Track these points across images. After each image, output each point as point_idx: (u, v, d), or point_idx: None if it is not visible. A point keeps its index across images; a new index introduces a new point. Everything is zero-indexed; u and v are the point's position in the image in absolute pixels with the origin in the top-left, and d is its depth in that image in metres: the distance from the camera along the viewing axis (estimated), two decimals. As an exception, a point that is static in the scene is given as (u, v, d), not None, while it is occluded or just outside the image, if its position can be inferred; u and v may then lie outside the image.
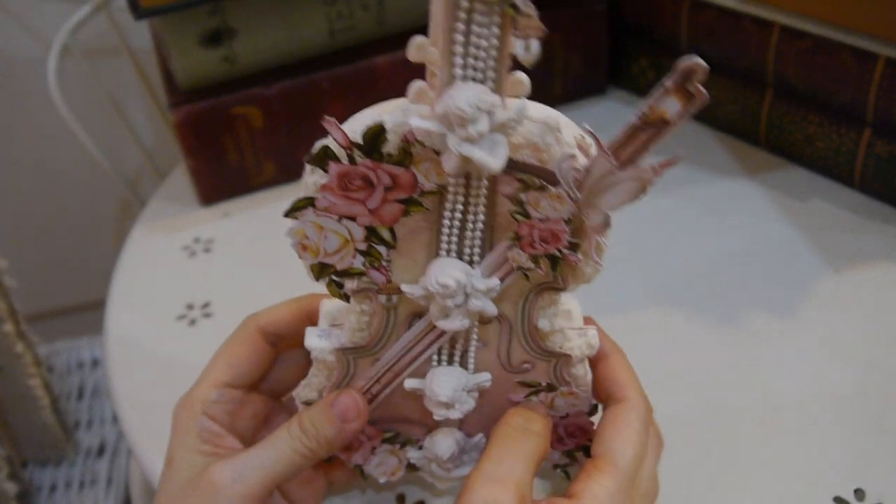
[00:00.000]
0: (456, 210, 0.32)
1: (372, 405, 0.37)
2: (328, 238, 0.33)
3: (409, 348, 0.36)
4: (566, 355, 0.36)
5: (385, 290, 0.34)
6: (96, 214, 1.14)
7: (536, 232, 0.32)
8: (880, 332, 0.50)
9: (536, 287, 0.34)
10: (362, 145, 0.32)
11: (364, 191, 0.32)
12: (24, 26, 1.01)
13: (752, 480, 0.43)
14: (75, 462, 0.85)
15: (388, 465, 0.40)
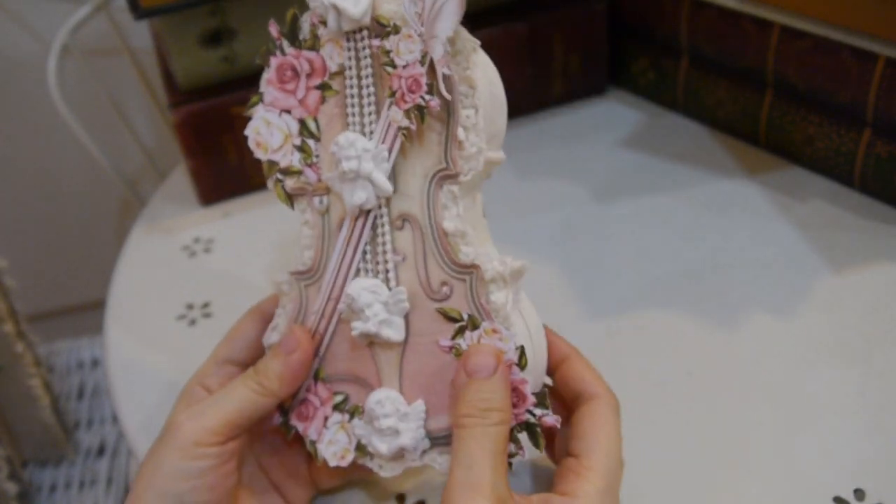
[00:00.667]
0: (353, 85, 0.37)
1: (322, 347, 0.39)
2: (273, 134, 0.39)
3: (339, 264, 0.38)
4: (475, 266, 0.36)
5: (318, 189, 0.38)
6: (96, 214, 1.14)
7: (404, 81, 0.36)
8: (880, 332, 0.50)
9: (433, 177, 0.37)
10: (287, 34, 0.39)
11: (293, 81, 0.38)
12: (24, 26, 1.01)
13: (751, 480, 0.43)
14: (75, 462, 0.85)
15: (338, 445, 0.39)
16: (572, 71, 0.71)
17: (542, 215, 0.61)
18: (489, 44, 0.66)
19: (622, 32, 0.71)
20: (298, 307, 0.39)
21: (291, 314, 0.39)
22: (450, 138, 0.36)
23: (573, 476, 0.35)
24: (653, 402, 0.47)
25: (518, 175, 0.65)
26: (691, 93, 0.67)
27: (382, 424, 0.37)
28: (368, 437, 0.38)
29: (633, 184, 0.63)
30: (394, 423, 0.37)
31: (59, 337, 1.08)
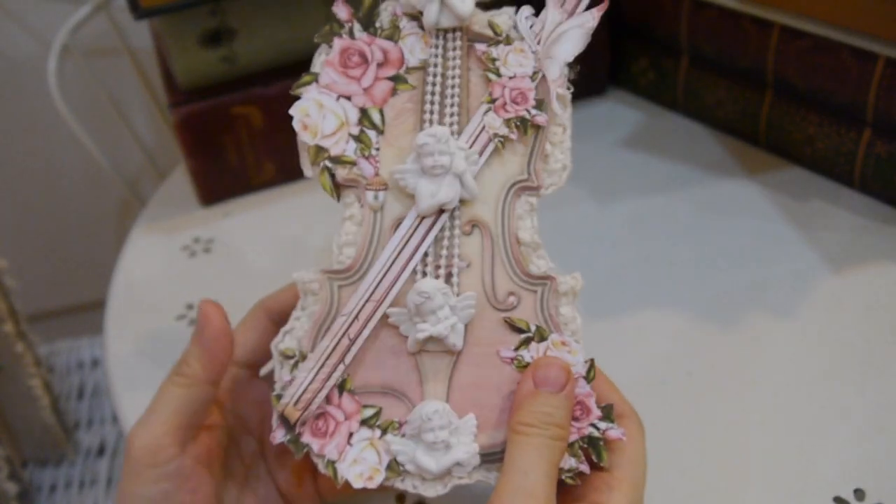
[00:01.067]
0: (436, 83, 0.36)
1: (350, 354, 0.35)
2: (326, 118, 0.36)
3: (390, 265, 0.35)
4: (551, 278, 0.36)
5: (373, 183, 0.36)
6: (96, 214, 1.14)
7: (508, 91, 0.36)
8: (880, 332, 0.50)
9: (512, 186, 0.36)
10: (361, 18, 0.36)
11: (360, 67, 0.36)
12: (24, 26, 1.01)
13: (752, 480, 0.43)
14: (75, 462, 0.85)
15: (364, 465, 0.35)
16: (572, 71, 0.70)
17: (542, 215, 0.61)
18: (489, 44, 0.67)
19: (622, 32, 0.71)
20: (327, 310, 0.36)
21: (318, 317, 0.36)
22: (536, 151, 0.37)
23: (605, 487, 0.35)
24: (653, 402, 0.47)
25: (518, 175, 0.65)
26: (691, 93, 0.67)
27: (434, 438, 0.35)
28: (410, 453, 0.35)
29: (633, 184, 0.63)
30: (446, 437, 0.35)
31: (59, 337, 1.08)
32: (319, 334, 0.36)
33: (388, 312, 0.35)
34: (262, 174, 0.66)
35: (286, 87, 0.63)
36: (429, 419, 0.35)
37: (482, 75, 0.36)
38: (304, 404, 0.36)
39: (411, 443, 0.36)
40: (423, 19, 0.36)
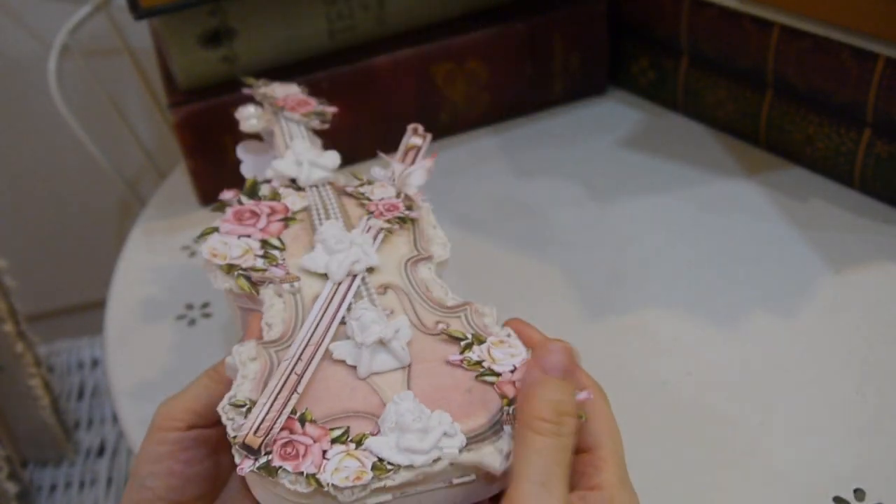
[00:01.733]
0: (320, 213, 0.44)
1: (300, 386, 0.36)
2: (232, 248, 0.42)
3: (320, 317, 0.39)
4: (469, 303, 0.39)
5: (287, 279, 0.40)
6: (96, 214, 1.14)
7: (381, 205, 0.44)
8: (880, 332, 0.50)
9: (408, 261, 0.42)
10: (246, 192, 0.45)
11: (253, 219, 0.43)
12: (24, 26, 1.01)
13: (752, 480, 0.43)
14: (75, 462, 0.85)
15: (348, 471, 0.35)
16: (572, 71, 0.71)
17: (542, 215, 0.61)
18: (489, 44, 0.67)
19: (622, 32, 0.71)
20: (269, 367, 0.37)
21: (260, 373, 0.37)
22: (418, 235, 0.44)
23: (593, 470, 0.34)
24: (653, 402, 0.47)
25: (518, 175, 0.65)
26: (691, 93, 0.67)
27: (413, 422, 0.35)
28: (393, 442, 0.35)
29: (633, 184, 0.63)
30: (425, 420, 0.35)
31: (59, 337, 1.08)
32: (264, 386, 0.36)
33: (331, 348, 0.37)
34: (262, 174, 0.66)
35: (286, 87, 0.64)
36: (403, 409, 0.35)
37: (356, 203, 0.45)
38: (264, 431, 0.35)
39: (392, 434, 0.35)
40: (298, 181, 0.46)
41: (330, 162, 0.47)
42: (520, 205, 0.63)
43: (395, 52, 0.65)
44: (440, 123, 0.69)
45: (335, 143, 0.66)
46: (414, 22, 0.67)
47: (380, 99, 0.66)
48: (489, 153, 0.68)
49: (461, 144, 0.69)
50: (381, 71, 0.65)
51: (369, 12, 0.65)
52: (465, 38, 0.66)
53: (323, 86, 0.64)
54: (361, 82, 0.65)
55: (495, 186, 0.65)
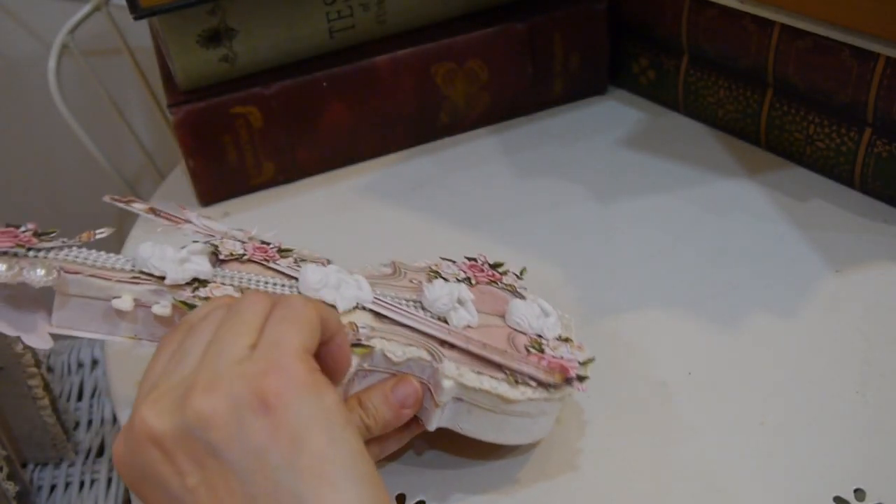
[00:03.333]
0: (249, 282, 0.44)
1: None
2: None
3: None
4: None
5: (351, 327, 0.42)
6: (96, 214, 1.14)
7: (256, 250, 0.47)
8: (880, 332, 0.50)
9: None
10: (188, 308, 0.41)
11: None
12: (24, 26, 1.01)
13: (752, 480, 0.43)
14: (75, 462, 0.85)
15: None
16: (572, 71, 0.71)
17: (542, 215, 0.61)
18: (489, 44, 0.67)
19: (622, 32, 0.71)
20: None
21: None
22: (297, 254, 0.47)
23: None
24: (653, 402, 0.47)
25: (518, 175, 0.65)
26: (691, 93, 0.67)
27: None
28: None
29: (633, 184, 0.63)
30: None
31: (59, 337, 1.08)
32: None
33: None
34: (261, 174, 0.66)
35: (286, 86, 0.64)
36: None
37: (239, 262, 0.46)
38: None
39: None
40: (199, 279, 0.42)
41: (197, 248, 0.44)
42: (520, 205, 0.62)
43: (395, 51, 0.65)
44: (440, 123, 0.69)
45: (335, 143, 0.67)
46: (414, 22, 0.67)
47: (380, 99, 0.66)
48: (489, 153, 0.68)
49: (461, 144, 0.69)
50: (381, 71, 0.65)
51: (369, 12, 0.65)
52: (465, 38, 0.66)
53: (323, 85, 0.64)
54: (361, 82, 0.65)
55: (495, 186, 0.65)
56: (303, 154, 0.66)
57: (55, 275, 0.40)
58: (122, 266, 0.42)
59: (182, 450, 0.30)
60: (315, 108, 0.64)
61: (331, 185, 0.66)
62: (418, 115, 0.68)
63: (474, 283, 0.47)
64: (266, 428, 0.30)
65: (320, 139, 0.66)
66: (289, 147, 0.65)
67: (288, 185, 0.67)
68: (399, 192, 0.65)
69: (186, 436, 0.30)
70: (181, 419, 0.31)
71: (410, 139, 0.69)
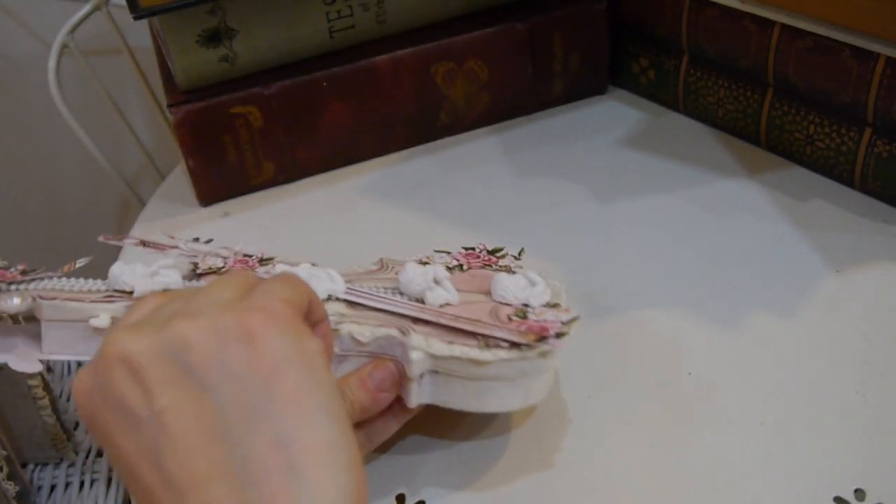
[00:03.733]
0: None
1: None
2: None
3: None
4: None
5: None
6: (96, 214, 1.14)
7: (236, 260, 0.48)
8: (880, 332, 0.50)
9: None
10: None
11: None
12: (24, 26, 1.01)
13: (752, 480, 0.43)
14: (75, 462, 0.85)
15: None
16: (572, 71, 0.71)
17: (542, 215, 0.61)
18: (489, 44, 0.67)
19: (622, 32, 0.71)
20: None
21: None
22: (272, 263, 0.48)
23: None
24: (653, 402, 0.47)
25: (518, 175, 0.65)
26: (691, 93, 0.67)
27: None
28: None
29: (633, 183, 0.63)
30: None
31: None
32: None
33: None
34: (261, 174, 0.66)
35: (286, 86, 0.64)
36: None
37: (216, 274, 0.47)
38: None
39: None
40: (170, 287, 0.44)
41: (167, 263, 0.45)
42: (520, 205, 0.62)
43: (395, 51, 0.65)
44: (440, 123, 0.69)
45: (335, 143, 0.67)
46: (414, 21, 0.67)
47: (380, 99, 0.66)
48: (489, 153, 0.68)
49: (461, 144, 0.69)
50: (381, 71, 0.65)
51: (369, 12, 0.65)
52: (465, 38, 0.66)
53: (323, 85, 0.64)
54: (361, 82, 0.65)
55: (495, 186, 0.65)
56: (303, 154, 0.66)
57: (29, 300, 0.41)
58: (97, 288, 0.43)
59: (154, 369, 0.29)
60: (315, 108, 0.64)
61: (331, 185, 0.66)
62: (418, 115, 0.68)
63: (466, 268, 0.47)
64: (248, 355, 0.29)
65: (320, 139, 0.66)
66: (289, 147, 0.65)
67: (288, 185, 0.67)
68: (399, 192, 0.65)
69: (162, 356, 0.30)
70: (158, 339, 0.30)
71: (410, 139, 0.69)
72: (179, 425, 0.28)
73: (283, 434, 0.28)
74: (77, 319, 0.42)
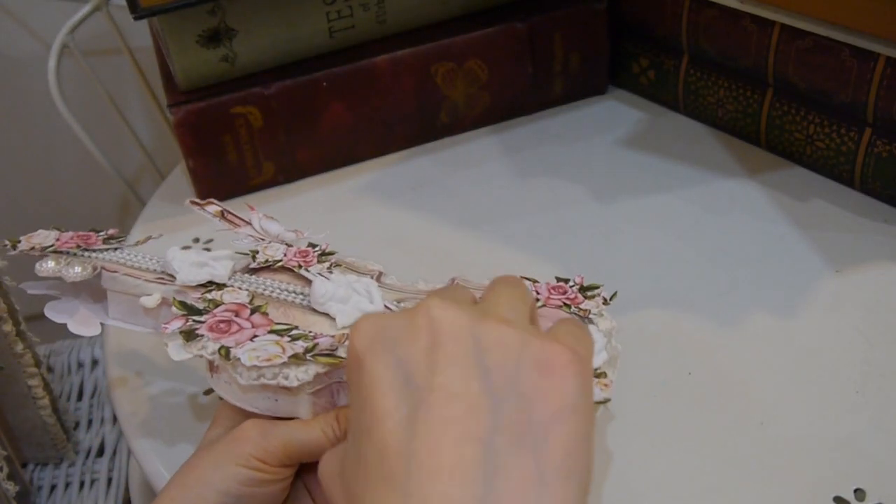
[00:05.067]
0: (273, 291, 0.44)
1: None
2: (268, 349, 0.38)
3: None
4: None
5: (340, 339, 0.40)
6: (96, 214, 1.14)
7: (295, 258, 0.46)
8: (880, 332, 0.50)
9: (378, 278, 0.47)
10: (190, 312, 0.41)
11: (231, 324, 0.40)
12: (25, 26, 1.01)
13: (752, 480, 0.43)
14: (75, 462, 0.85)
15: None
16: (572, 71, 0.71)
17: (543, 215, 0.61)
18: (489, 44, 0.67)
19: (622, 32, 0.71)
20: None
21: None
22: (349, 264, 0.46)
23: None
24: (653, 402, 0.47)
25: (518, 175, 0.65)
26: (691, 93, 0.67)
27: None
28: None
29: (634, 183, 0.63)
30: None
31: (59, 337, 1.08)
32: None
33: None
34: (261, 174, 0.66)
35: (286, 86, 0.64)
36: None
37: (271, 271, 0.45)
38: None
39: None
40: (215, 281, 0.43)
41: (223, 254, 0.45)
42: (520, 205, 0.62)
43: (395, 51, 0.65)
44: (440, 123, 0.69)
45: (335, 143, 0.67)
46: (414, 22, 0.67)
47: (379, 99, 0.66)
48: (489, 153, 0.68)
49: (461, 144, 0.69)
50: (381, 70, 0.65)
51: (369, 12, 0.65)
52: (465, 38, 0.66)
53: (323, 85, 0.64)
54: (361, 82, 0.65)
55: (495, 186, 0.65)
56: (303, 154, 0.66)
57: (90, 270, 0.43)
58: (153, 267, 0.44)
59: (454, 349, 0.29)
60: (315, 108, 0.64)
61: (331, 185, 0.66)
62: (418, 115, 0.68)
63: (541, 304, 0.45)
64: (540, 384, 0.28)
65: (320, 139, 0.66)
66: (289, 147, 0.65)
67: (288, 185, 0.67)
68: (399, 192, 0.65)
69: (467, 343, 0.29)
70: (472, 327, 0.29)
71: (410, 139, 0.69)
72: (447, 409, 0.28)
73: (543, 475, 0.27)
74: (133, 294, 0.43)
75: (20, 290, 0.91)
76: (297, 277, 0.45)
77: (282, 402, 0.39)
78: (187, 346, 0.39)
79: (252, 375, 0.38)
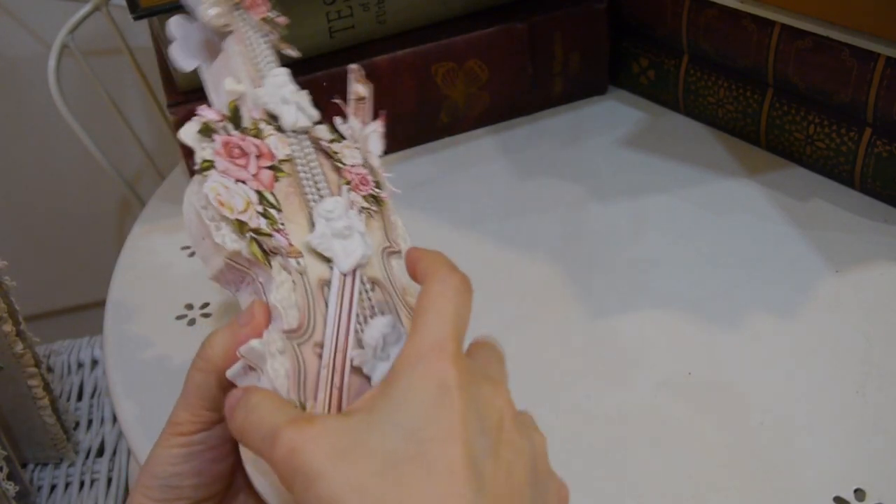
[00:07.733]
0: (304, 171, 0.41)
1: (343, 404, 0.36)
2: (234, 197, 0.38)
3: (337, 318, 0.38)
4: None
5: (292, 252, 0.38)
6: (96, 214, 1.14)
7: (354, 176, 0.42)
8: (880, 332, 0.50)
9: (383, 251, 0.41)
10: (231, 118, 0.40)
11: (243, 158, 0.39)
12: (24, 26, 1.01)
13: (752, 480, 0.43)
14: (75, 462, 0.85)
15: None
16: (572, 71, 0.71)
17: (543, 215, 0.61)
18: (489, 44, 0.67)
19: (622, 32, 0.71)
20: (297, 367, 0.36)
21: (291, 375, 0.36)
22: (387, 222, 0.43)
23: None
24: (653, 402, 0.47)
25: (518, 175, 0.65)
26: (691, 93, 0.67)
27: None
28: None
29: (634, 184, 0.63)
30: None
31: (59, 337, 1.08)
32: (301, 388, 0.36)
33: (352, 355, 0.37)
34: (261, 174, 0.66)
35: (286, 86, 0.63)
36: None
37: (332, 165, 0.42)
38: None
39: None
40: (280, 122, 0.42)
41: (314, 112, 0.44)
42: (520, 205, 0.63)
43: (395, 51, 0.65)
44: (440, 123, 0.69)
45: (335, 142, 0.66)
46: (414, 21, 0.67)
47: (380, 99, 0.66)
48: (489, 153, 0.68)
49: (461, 144, 0.69)
50: (381, 70, 0.65)
51: (369, 12, 0.65)
52: (465, 38, 0.66)
53: (323, 85, 0.64)
54: (361, 82, 0.65)
55: (495, 186, 0.65)
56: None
57: (222, 22, 0.43)
58: (259, 67, 0.44)
59: (506, 434, 0.32)
60: (314, 107, 0.64)
61: (331, 185, 0.66)
62: (418, 115, 0.68)
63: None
64: (530, 447, 0.32)
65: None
66: (289, 147, 0.65)
67: (288, 185, 0.67)
68: (399, 192, 0.65)
69: (507, 437, 0.32)
70: (514, 435, 0.32)
71: (410, 139, 0.69)
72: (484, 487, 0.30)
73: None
74: (234, 69, 0.43)
75: (20, 290, 0.92)
76: (334, 176, 0.42)
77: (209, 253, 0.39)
78: (201, 140, 0.39)
79: (201, 201, 0.38)
